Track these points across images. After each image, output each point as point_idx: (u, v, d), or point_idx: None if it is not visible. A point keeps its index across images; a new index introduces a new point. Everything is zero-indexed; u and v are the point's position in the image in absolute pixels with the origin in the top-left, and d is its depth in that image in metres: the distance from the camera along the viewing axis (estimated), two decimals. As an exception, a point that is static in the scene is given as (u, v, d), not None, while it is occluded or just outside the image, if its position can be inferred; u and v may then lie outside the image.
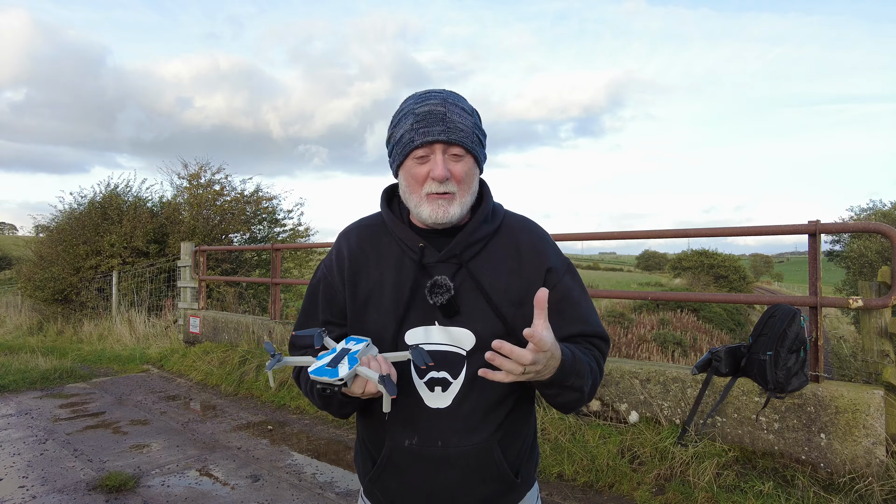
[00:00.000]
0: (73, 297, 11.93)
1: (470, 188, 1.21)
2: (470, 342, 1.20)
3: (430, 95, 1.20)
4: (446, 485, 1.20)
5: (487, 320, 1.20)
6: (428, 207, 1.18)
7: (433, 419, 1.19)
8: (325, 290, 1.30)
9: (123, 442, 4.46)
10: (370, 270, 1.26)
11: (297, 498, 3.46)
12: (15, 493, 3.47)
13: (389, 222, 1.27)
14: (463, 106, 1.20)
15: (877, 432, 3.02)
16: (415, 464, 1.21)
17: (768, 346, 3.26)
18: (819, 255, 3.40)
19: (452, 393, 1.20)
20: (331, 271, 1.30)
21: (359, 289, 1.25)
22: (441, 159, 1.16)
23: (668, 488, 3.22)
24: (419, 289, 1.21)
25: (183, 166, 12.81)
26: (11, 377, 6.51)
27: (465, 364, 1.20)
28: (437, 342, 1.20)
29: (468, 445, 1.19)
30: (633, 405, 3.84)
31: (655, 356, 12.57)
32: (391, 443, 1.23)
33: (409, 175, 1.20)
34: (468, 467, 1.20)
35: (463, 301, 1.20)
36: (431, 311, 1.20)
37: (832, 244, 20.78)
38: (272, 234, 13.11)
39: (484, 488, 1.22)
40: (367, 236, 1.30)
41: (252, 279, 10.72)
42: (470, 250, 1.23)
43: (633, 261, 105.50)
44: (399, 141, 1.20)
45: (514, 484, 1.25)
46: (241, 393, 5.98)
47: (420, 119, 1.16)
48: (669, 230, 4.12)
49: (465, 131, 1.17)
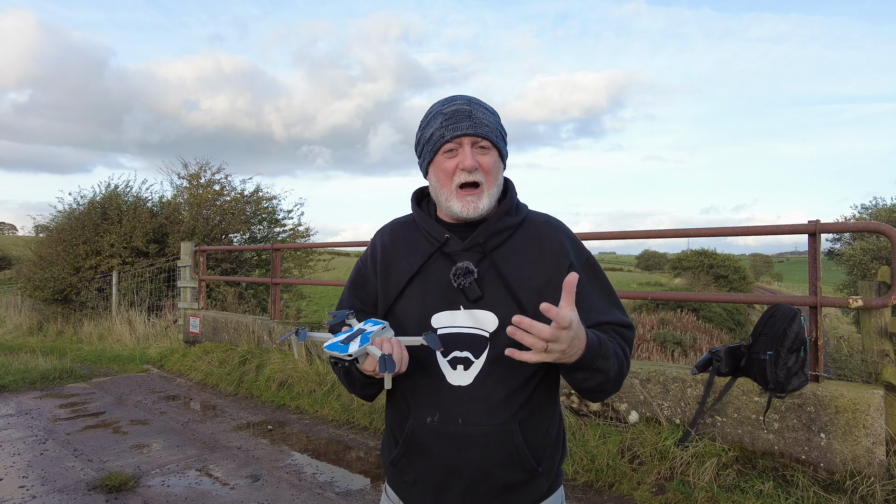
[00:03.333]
0: (73, 297, 11.92)
1: (496, 180, 1.30)
2: (493, 324, 1.26)
3: (456, 98, 1.32)
4: (467, 464, 1.23)
5: (508, 306, 1.25)
6: (458, 203, 1.26)
7: (454, 396, 1.25)
8: (358, 280, 1.43)
9: (123, 442, 4.46)
10: (400, 262, 1.35)
11: (297, 498, 3.46)
12: (15, 493, 3.47)
13: (418, 218, 1.38)
14: (486, 106, 1.31)
15: (877, 432, 3.02)
16: (437, 440, 1.25)
17: (768, 345, 3.26)
18: (819, 255, 3.39)
19: (474, 372, 1.25)
20: (365, 264, 1.43)
21: (390, 279, 1.35)
22: (469, 151, 1.25)
23: (668, 488, 3.22)
24: (444, 275, 1.29)
25: (183, 166, 12.83)
26: (11, 377, 6.51)
27: (487, 345, 1.26)
28: (461, 325, 1.27)
29: (488, 425, 1.23)
30: (632, 405, 3.84)
31: (655, 356, 12.57)
32: (414, 420, 1.28)
33: (439, 170, 1.29)
34: (488, 447, 1.23)
35: (486, 287, 1.27)
36: (456, 296, 1.28)
37: (833, 242, 20.78)
38: (272, 234, 13.10)
39: (504, 473, 1.24)
40: (399, 233, 1.41)
41: (252, 279, 10.71)
42: (493, 240, 1.30)
43: (632, 260, 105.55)
44: (429, 139, 1.30)
45: (535, 472, 1.26)
46: (241, 393, 5.98)
47: (448, 117, 1.27)
48: (669, 230, 4.11)
49: (489, 126, 1.28)
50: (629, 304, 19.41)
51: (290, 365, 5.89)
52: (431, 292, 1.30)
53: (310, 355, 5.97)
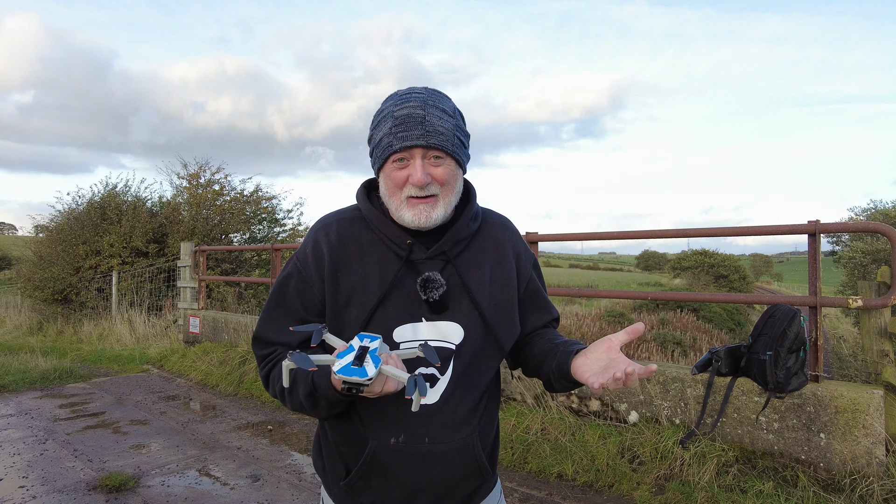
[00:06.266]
0: (73, 297, 11.92)
1: (453, 189, 1.20)
2: (458, 336, 1.21)
3: (411, 97, 1.16)
4: (431, 481, 1.20)
5: (471, 314, 1.22)
6: (410, 212, 1.16)
7: (420, 416, 1.18)
8: (299, 286, 1.24)
9: (123, 442, 4.46)
10: (352, 267, 1.22)
11: (297, 498, 3.46)
12: (15, 493, 3.47)
13: (373, 218, 1.24)
14: (443, 107, 1.17)
15: (876, 432, 3.02)
16: (401, 461, 1.19)
17: (768, 345, 3.26)
18: (819, 255, 3.39)
19: (440, 389, 1.19)
20: (306, 266, 1.24)
21: (340, 286, 1.21)
22: (420, 164, 1.14)
23: (668, 488, 3.22)
24: (405, 286, 1.19)
25: (183, 166, 12.83)
26: (11, 377, 6.51)
27: (452, 359, 1.21)
28: (426, 338, 1.20)
29: (454, 441, 1.20)
30: (632, 405, 3.84)
31: (655, 356, 12.57)
32: (375, 442, 1.19)
33: (388, 178, 1.18)
34: (453, 462, 1.21)
35: (450, 298, 1.20)
36: (418, 308, 1.19)
37: (833, 244, 20.77)
38: (272, 233, 13.11)
39: (466, 483, 1.25)
40: (347, 231, 1.25)
41: (252, 279, 10.70)
42: (456, 248, 1.24)
43: (633, 261, 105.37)
44: (379, 144, 1.18)
45: (489, 475, 1.29)
46: (241, 393, 5.98)
47: (399, 123, 1.14)
48: (669, 230, 4.12)
49: (444, 134, 1.15)
50: (629, 304, 19.41)
51: (290, 365, 5.89)
52: (391, 303, 1.18)
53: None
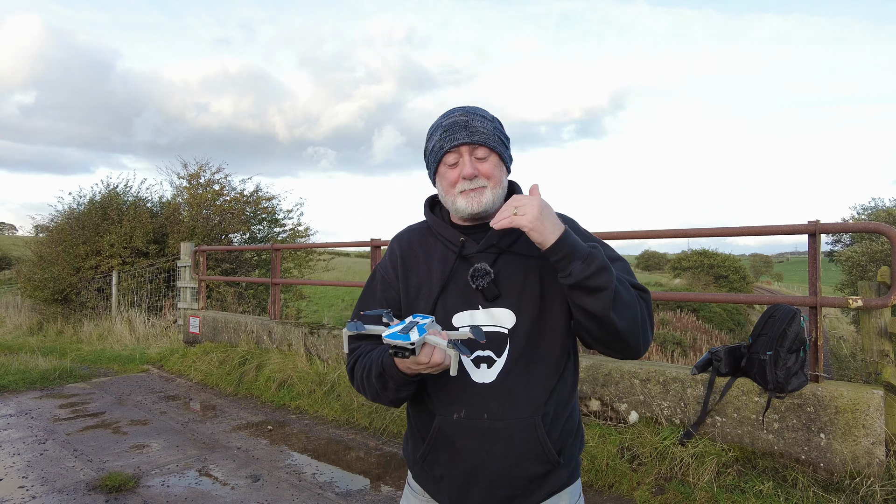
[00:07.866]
0: (73, 297, 11.92)
1: (499, 182, 1.37)
2: (511, 321, 1.33)
3: (455, 110, 1.39)
4: (492, 458, 1.30)
5: (521, 301, 1.33)
6: (463, 200, 1.34)
7: (479, 393, 1.31)
8: (381, 283, 1.48)
9: (123, 442, 4.46)
10: (419, 266, 1.43)
11: (297, 498, 3.46)
12: (15, 493, 3.48)
13: (433, 224, 1.45)
14: (483, 115, 1.38)
15: (876, 432, 3.02)
16: (463, 436, 1.32)
17: (768, 346, 3.26)
18: (819, 255, 3.39)
19: (497, 369, 1.32)
20: (386, 270, 1.48)
21: (410, 283, 1.42)
22: (469, 160, 1.33)
23: (668, 488, 3.22)
24: (460, 277, 1.36)
25: (183, 166, 12.83)
26: (11, 377, 6.52)
27: (507, 342, 1.33)
28: (481, 324, 1.33)
29: (512, 419, 1.30)
30: (632, 405, 3.84)
31: (655, 356, 12.56)
32: (441, 418, 1.34)
33: (443, 179, 1.38)
34: (513, 440, 1.30)
35: (502, 286, 1.34)
36: (474, 296, 1.35)
37: (833, 244, 20.77)
38: (272, 234, 13.11)
39: (528, 465, 1.31)
40: (416, 238, 1.49)
41: (252, 279, 10.70)
42: (506, 239, 1.37)
43: (633, 261, 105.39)
44: (431, 151, 1.39)
45: (557, 463, 1.34)
46: (241, 393, 5.98)
47: (446, 129, 1.35)
48: (669, 230, 4.08)
49: (486, 133, 1.34)
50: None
51: (290, 365, 5.89)
52: (450, 294, 1.36)
53: (309, 355, 5.97)
